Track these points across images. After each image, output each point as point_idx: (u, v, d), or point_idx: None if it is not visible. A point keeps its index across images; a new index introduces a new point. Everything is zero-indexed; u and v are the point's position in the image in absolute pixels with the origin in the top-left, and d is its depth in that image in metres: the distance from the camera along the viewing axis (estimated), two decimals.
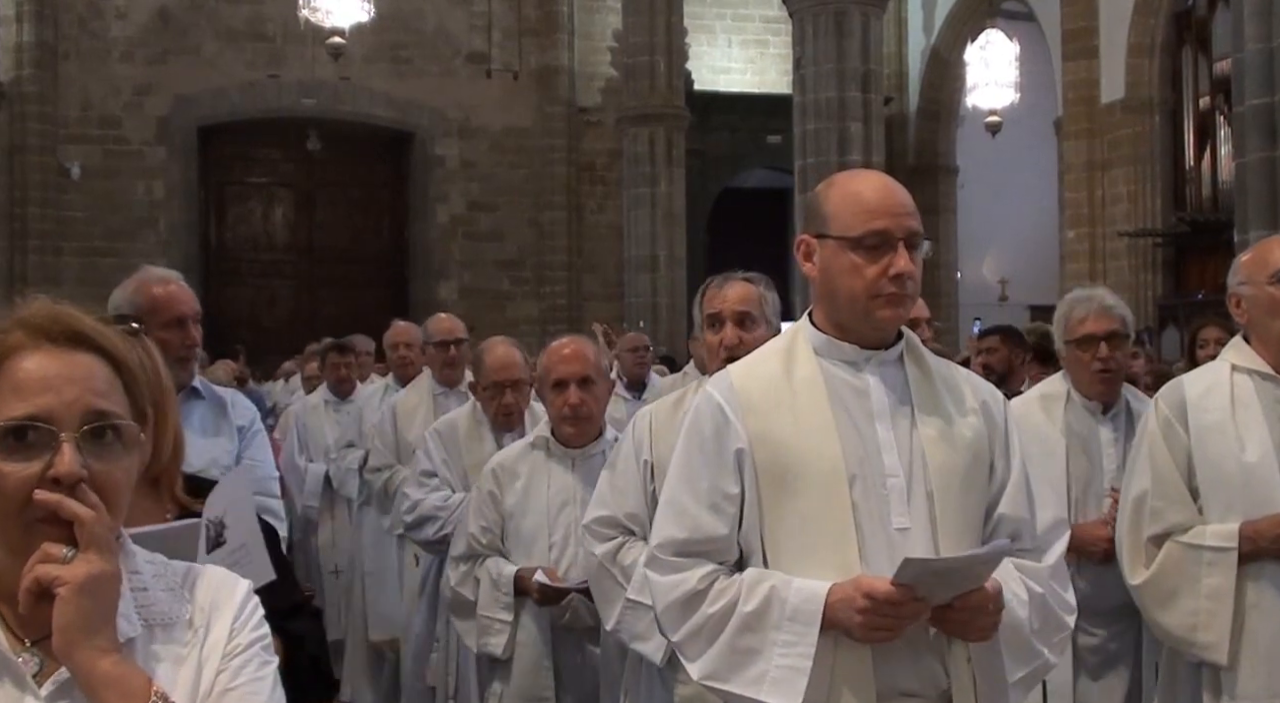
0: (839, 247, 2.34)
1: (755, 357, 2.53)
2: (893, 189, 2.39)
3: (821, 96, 12.45)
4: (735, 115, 20.13)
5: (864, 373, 2.39)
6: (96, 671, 1.41)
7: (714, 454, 2.37)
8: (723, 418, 2.38)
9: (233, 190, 20.81)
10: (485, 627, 3.92)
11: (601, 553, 3.38)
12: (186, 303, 3.51)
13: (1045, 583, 2.38)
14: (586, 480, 3.86)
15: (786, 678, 2.22)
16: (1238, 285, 3.30)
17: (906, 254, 2.32)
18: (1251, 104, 8.04)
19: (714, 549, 2.36)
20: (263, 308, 20.45)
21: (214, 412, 3.71)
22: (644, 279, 17.32)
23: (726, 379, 2.45)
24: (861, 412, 2.35)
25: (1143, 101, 16.72)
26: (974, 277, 22.28)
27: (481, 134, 20.33)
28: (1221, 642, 3.08)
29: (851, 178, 2.48)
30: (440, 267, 20.28)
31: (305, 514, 7.53)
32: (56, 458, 1.43)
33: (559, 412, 3.91)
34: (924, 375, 2.42)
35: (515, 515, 3.96)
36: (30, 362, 1.46)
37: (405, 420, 5.95)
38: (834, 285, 2.37)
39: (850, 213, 2.34)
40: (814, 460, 2.29)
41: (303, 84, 19.61)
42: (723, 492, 2.35)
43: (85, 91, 19.11)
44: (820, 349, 2.41)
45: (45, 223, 18.69)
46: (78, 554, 1.42)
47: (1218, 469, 3.16)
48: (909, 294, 2.35)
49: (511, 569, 3.90)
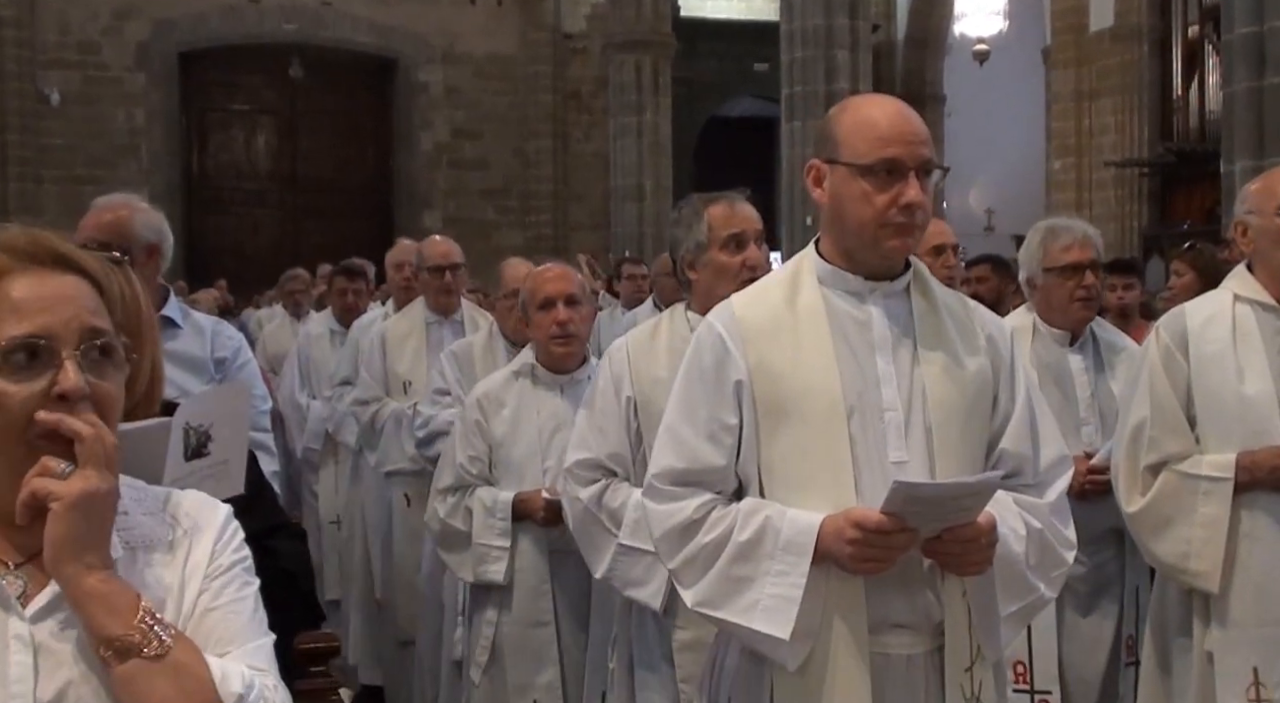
0: (849, 173, 2.31)
1: (759, 286, 2.50)
2: (906, 116, 2.34)
3: (809, 24, 12.34)
4: (722, 43, 19.97)
5: (867, 304, 2.36)
6: (84, 586, 1.41)
7: (713, 385, 2.36)
8: (723, 348, 2.36)
9: (214, 117, 20.62)
10: (482, 555, 3.87)
11: (587, 497, 3.28)
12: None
13: (1045, 519, 2.37)
14: (575, 405, 3.81)
15: (778, 607, 2.23)
16: (1245, 214, 3.26)
17: (918, 183, 2.28)
18: (1240, 33, 7.99)
19: (711, 479, 2.36)
20: (246, 237, 20.33)
21: (190, 341, 3.68)
22: (630, 209, 17.27)
23: (729, 309, 2.43)
24: (862, 344, 2.33)
25: (1131, 30, 16.62)
26: (960, 206, 22.20)
27: (465, 61, 20.14)
28: (1214, 570, 3.09)
29: (864, 103, 2.43)
30: (425, 195, 20.17)
31: (305, 457, 6.92)
32: (60, 375, 1.43)
33: (547, 332, 3.87)
34: (930, 307, 2.39)
35: (505, 444, 3.92)
36: (23, 282, 1.46)
37: (395, 350, 5.64)
38: (842, 212, 2.34)
39: (862, 139, 2.30)
40: (812, 392, 2.28)
41: (284, 9, 19.39)
42: (721, 422, 2.35)
43: (63, 16, 18.83)
44: (825, 278, 2.39)
45: (25, 150, 18.49)
46: (75, 470, 1.42)
47: (1216, 400, 3.15)
48: (918, 224, 2.31)
49: (508, 495, 3.86)
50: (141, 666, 1.40)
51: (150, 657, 1.40)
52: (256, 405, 3.83)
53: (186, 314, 3.79)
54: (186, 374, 3.57)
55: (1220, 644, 3.11)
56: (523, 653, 3.84)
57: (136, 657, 1.40)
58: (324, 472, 6.74)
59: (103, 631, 1.41)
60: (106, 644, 1.41)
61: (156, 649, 1.41)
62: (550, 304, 3.86)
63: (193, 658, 1.44)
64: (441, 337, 5.58)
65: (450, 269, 5.63)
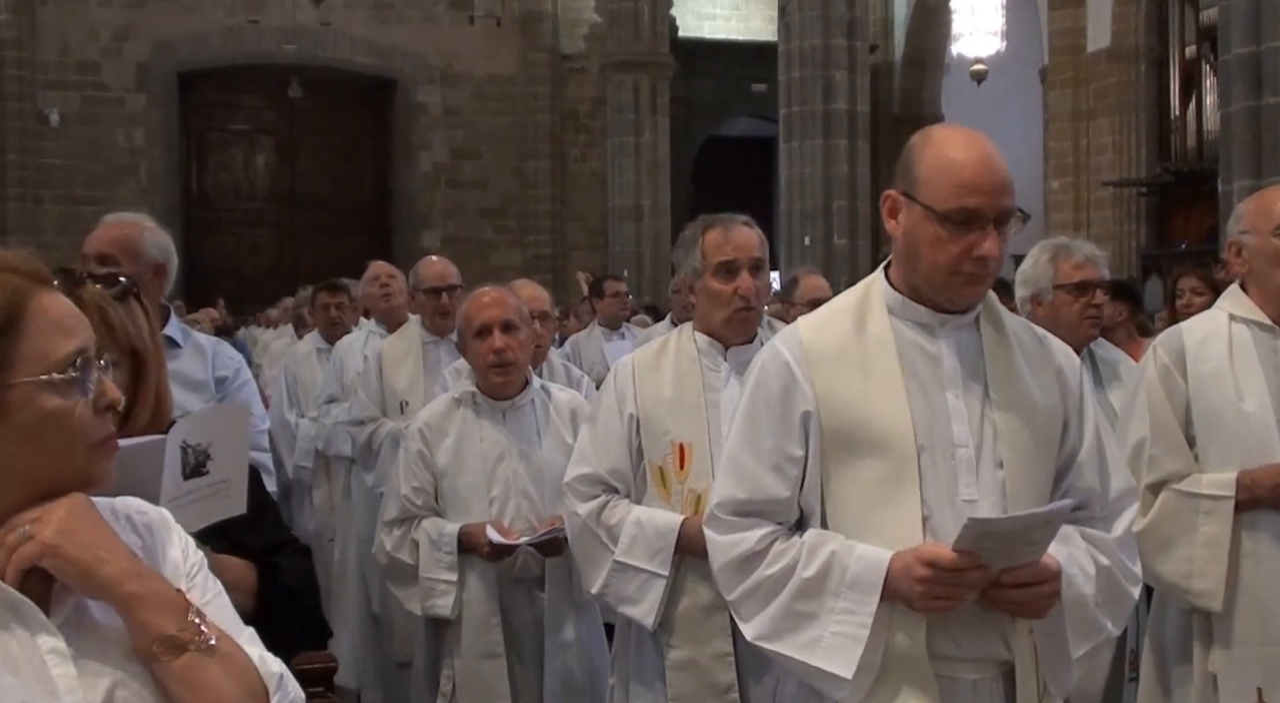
0: (926, 215, 2.24)
1: (826, 311, 2.43)
2: (990, 162, 2.26)
3: (806, 44, 12.40)
4: (720, 63, 20.04)
5: (938, 338, 2.31)
6: (123, 592, 1.44)
7: (779, 414, 2.31)
8: (790, 377, 2.31)
9: (214, 138, 20.66)
10: (429, 589, 3.78)
11: (585, 513, 3.24)
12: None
13: (1112, 554, 2.32)
14: (518, 432, 3.81)
15: (841, 645, 2.19)
16: (1239, 233, 3.25)
17: (995, 235, 2.21)
18: (1237, 53, 8.01)
19: (774, 510, 2.32)
20: (244, 257, 20.37)
21: (191, 361, 3.69)
22: (628, 228, 17.30)
23: (796, 335, 2.37)
24: (932, 378, 2.29)
25: (1128, 50, 16.65)
26: None
27: (464, 81, 20.19)
28: (1217, 590, 3.06)
29: (949, 141, 2.31)
30: (423, 215, 20.20)
31: (297, 477, 6.81)
32: (105, 387, 1.48)
33: (484, 360, 3.78)
34: (1000, 339, 2.34)
35: (449, 474, 3.83)
36: (49, 301, 1.48)
37: (392, 369, 5.56)
38: (916, 252, 2.28)
39: (943, 184, 2.23)
40: (882, 426, 2.24)
41: (283, 30, 19.43)
42: (786, 453, 2.30)
43: (63, 36, 18.89)
44: (895, 309, 2.33)
45: (25, 170, 18.54)
46: (37, 516, 1.44)
47: (1215, 418, 3.13)
48: (991, 274, 2.26)
49: (453, 527, 3.76)
50: (196, 659, 1.44)
51: (203, 649, 1.45)
52: (256, 425, 3.85)
53: (187, 334, 3.79)
54: (188, 394, 3.57)
55: (1223, 665, 3.09)
56: (474, 687, 3.75)
57: (190, 651, 1.44)
58: (318, 491, 6.68)
59: (157, 630, 1.44)
60: (160, 643, 1.43)
61: (208, 642, 1.45)
62: (486, 332, 3.77)
63: (234, 647, 1.49)
64: (438, 356, 5.53)
65: (447, 291, 5.56)
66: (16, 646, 1.40)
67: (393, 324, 6.15)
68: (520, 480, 3.78)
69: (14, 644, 1.40)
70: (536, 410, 3.89)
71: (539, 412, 3.89)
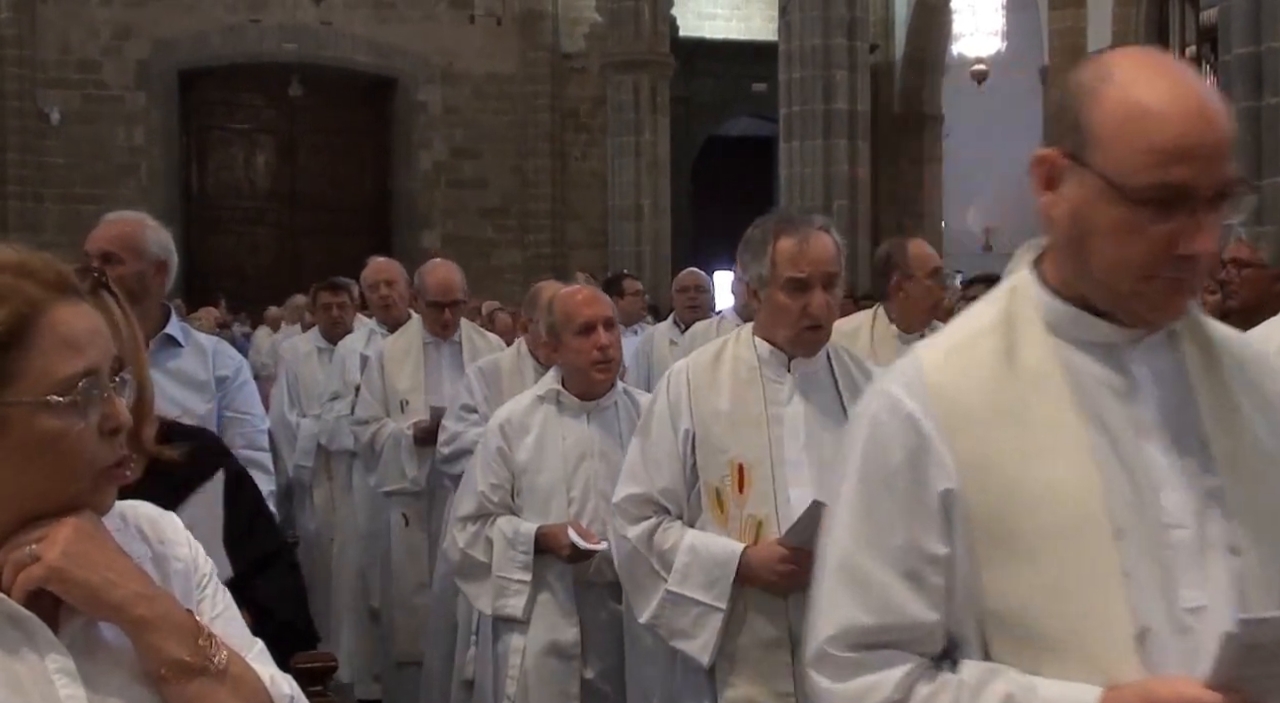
0: (1106, 191, 1.51)
1: (958, 332, 1.68)
2: (1204, 111, 1.52)
3: (807, 44, 12.41)
4: (720, 62, 20.03)
5: (1129, 367, 1.59)
6: (133, 615, 1.40)
7: (908, 495, 1.57)
8: (918, 438, 1.58)
9: (214, 136, 20.64)
10: (501, 588, 3.72)
11: (635, 536, 3.01)
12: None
13: None
14: (602, 433, 3.77)
15: None
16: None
17: (1212, 219, 1.49)
18: (1238, 53, 8.01)
19: (913, 638, 1.58)
20: (245, 256, 20.34)
21: (192, 361, 3.70)
22: (628, 228, 17.30)
23: (918, 372, 1.62)
24: (1126, 427, 1.56)
25: None
26: (958, 226, 22.26)
27: (464, 80, 20.19)
28: None
29: (1141, 79, 1.53)
30: (424, 214, 20.20)
31: (297, 476, 6.78)
32: (112, 410, 1.42)
33: (588, 357, 3.70)
34: (1210, 361, 1.62)
35: (529, 471, 3.77)
36: (63, 315, 1.41)
37: (394, 368, 5.59)
38: (1088, 244, 1.55)
39: (1134, 145, 1.50)
40: (1058, 503, 1.52)
41: (284, 28, 19.43)
42: (924, 553, 1.57)
43: (63, 35, 18.87)
44: (1058, 325, 1.60)
45: (25, 169, 18.50)
46: (45, 535, 1.39)
47: None
48: (1201, 278, 1.56)
49: (530, 527, 3.70)
50: (207, 684, 1.42)
51: (213, 674, 1.42)
52: (255, 425, 3.87)
53: (188, 333, 3.80)
54: (189, 393, 3.59)
55: None
56: (546, 686, 3.71)
57: (201, 676, 1.41)
58: (318, 490, 6.67)
59: (167, 654, 1.40)
60: (170, 667, 1.40)
61: (219, 665, 1.42)
62: (590, 329, 3.70)
63: (245, 668, 1.46)
64: (440, 357, 5.59)
65: (450, 307, 5.56)
66: (23, 667, 1.37)
67: (393, 325, 6.15)
68: (600, 481, 3.71)
69: (21, 666, 1.37)
70: (620, 412, 3.84)
71: (622, 414, 3.83)
